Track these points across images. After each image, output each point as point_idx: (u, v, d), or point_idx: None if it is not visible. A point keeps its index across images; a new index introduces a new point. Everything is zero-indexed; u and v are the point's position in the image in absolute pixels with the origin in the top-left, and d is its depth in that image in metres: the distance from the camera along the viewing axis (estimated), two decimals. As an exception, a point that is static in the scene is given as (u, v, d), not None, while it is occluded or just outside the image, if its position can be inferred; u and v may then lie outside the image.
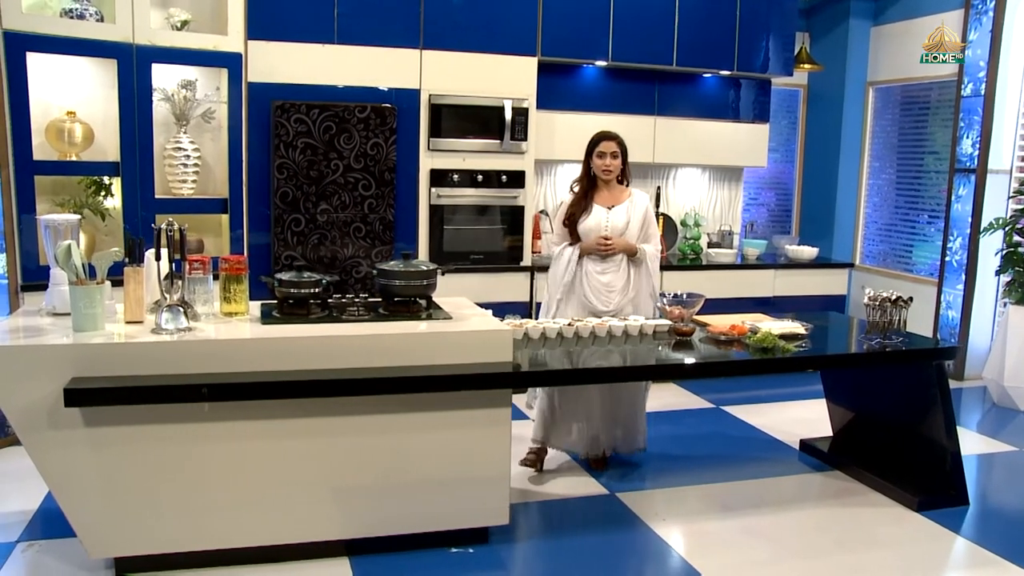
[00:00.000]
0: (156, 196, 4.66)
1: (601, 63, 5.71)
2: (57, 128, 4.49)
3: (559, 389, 4.11)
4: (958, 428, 3.91)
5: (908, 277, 6.62)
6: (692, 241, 6.35)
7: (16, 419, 2.83)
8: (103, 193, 4.62)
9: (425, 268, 3.48)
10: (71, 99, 4.62)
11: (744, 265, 6.17)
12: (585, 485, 4.06)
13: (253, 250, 4.92)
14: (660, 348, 3.73)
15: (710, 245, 6.47)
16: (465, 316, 3.48)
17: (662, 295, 4.11)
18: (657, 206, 6.34)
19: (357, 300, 3.59)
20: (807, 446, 4.55)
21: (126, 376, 2.87)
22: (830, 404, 4.61)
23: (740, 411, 5.32)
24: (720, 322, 4.03)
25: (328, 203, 5.00)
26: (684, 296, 4.10)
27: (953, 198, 6.11)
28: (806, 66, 6.65)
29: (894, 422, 4.18)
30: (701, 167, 6.50)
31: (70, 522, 2.96)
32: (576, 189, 4.19)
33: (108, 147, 4.66)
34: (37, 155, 4.41)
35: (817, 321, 4.53)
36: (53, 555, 3.22)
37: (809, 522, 3.73)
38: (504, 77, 5.35)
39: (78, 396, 2.76)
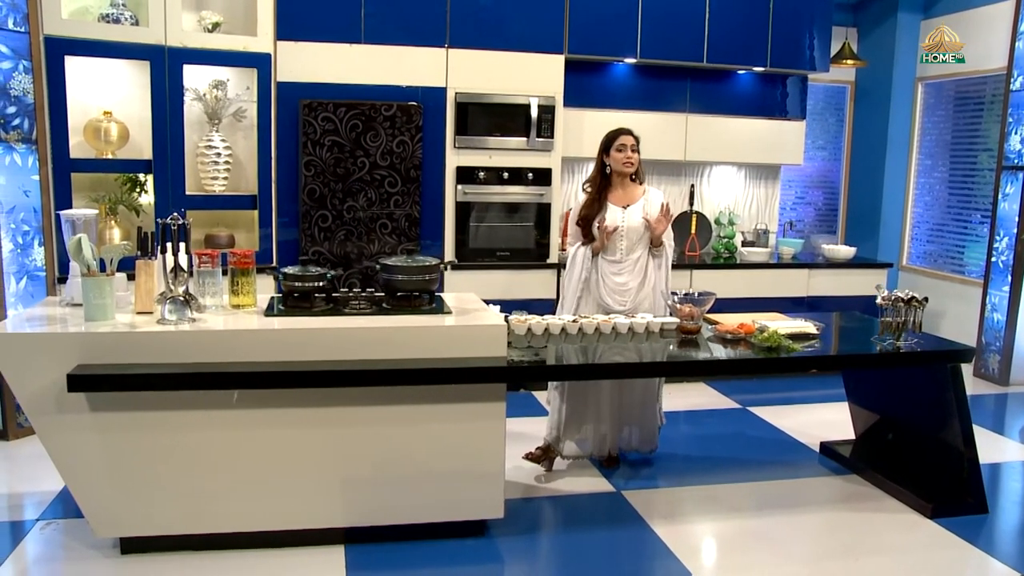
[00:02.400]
0: (187, 192, 4.84)
1: (630, 60, 5.67)
2: (94, 127, 4.70)
3: (569, 390, 4.11)
4: (999, 435, 3.76)
5: (955, 278, 6.41)
6: (726, 240, 6.26)
7: (27, 403, 2.99)
8: (138, 190, 4.81)
9: (427, 263, 3.53)
10: (108, 100, 4.82)
11: (777, 264, 6.04)
12: (594, 483, 4.05)
13: (281, 246, 5.06)
14: (665, 346, 3.70)
15: (744, 244, 6.36)
16: (467, 311, 3.52)
17: (673, 293, 4.08)
18: (691, 204, 6.27)
19: (362, 294, 3.66)
20: (827, 449, 4.45)
21: (129, 364, 2.99)
22: (852, 406, 4.51)
23: (765, 412, 5.23)
24: (730, 320, 3.98)
25: (354, 200, 5.10)
26: (695, 295, 4.06)
27: (1000, 196, 5.88)
28: (848, 62, 6.49)
29: (912, 426, 4.06)
30: (736, 165, 6.39)
31: (77, 503, 3.11)
32: (589, 189, 4.18)
33: (143, 145, 4.85)
34: (75, 153, 4.62)
35: (839, 321, 4.44)
36: (66, 534, 3.38)
37: (816, 526, 3.66)
38: (531, 75, 5.36)
39: (80, 382, 2.89)
